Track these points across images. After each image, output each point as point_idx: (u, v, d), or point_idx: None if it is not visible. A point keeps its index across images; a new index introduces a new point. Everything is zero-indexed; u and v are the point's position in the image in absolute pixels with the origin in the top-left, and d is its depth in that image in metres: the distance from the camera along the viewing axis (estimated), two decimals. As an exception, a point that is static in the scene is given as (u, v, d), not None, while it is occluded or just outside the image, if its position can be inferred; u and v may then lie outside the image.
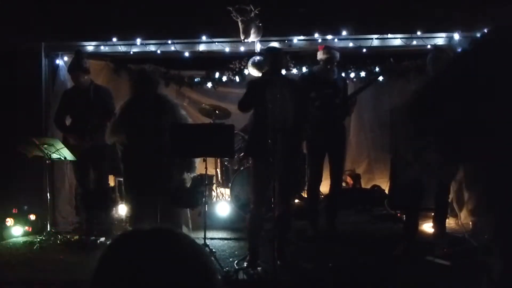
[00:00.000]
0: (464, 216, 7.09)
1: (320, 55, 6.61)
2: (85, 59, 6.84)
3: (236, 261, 5.80)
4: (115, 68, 8.70)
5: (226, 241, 6.67)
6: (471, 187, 1.22)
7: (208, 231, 6.38)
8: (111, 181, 7.78)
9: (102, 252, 1.21)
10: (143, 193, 5.70)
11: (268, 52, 5.70)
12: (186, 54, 7.66)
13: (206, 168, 6.20)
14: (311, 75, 6.72)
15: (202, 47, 7.49)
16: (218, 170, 8.53)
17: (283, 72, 5.89)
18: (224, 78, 8.87)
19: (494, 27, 1.37)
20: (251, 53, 7.56)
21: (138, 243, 1.19)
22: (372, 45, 7.29)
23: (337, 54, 6.58)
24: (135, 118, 5.62)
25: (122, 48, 7.54)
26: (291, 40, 7.23)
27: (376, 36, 7.20)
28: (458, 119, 1.15)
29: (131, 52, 7.56)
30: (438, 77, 1.18)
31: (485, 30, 5.85)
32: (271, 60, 5.52)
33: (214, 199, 8.24)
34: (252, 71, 7.51)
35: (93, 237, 6.60)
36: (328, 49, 6.58)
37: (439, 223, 6.18)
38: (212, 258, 5.47)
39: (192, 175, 6.13)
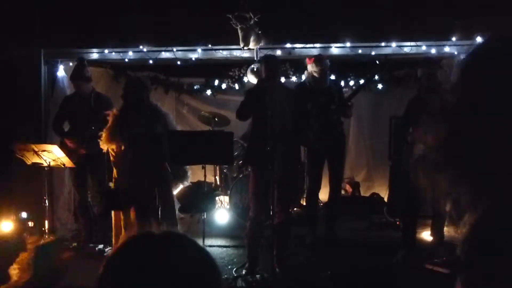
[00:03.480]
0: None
1: (311, 68, 6.54)
2: (87, 67, 6.88)
3: (234, 269, 5.79)
4: (114, 75, 8.71)
5: (225, 249, 6.66)
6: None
7: (207, 238, 6.38)
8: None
9: (110, 255, 1.21)
10: (136, 199, 5.64)
11: (264, 59, 5.71)
12: (186, 61, 7.66)
13: (205, 175, 6.21)
14: (304, 87, 6.68)
15: (201, 55, 7.50)
16: (217, 178, 8.52)
17: (282, 79, 5.90)
18: (224, 86, 8.89)
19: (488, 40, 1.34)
20: (250, 61, 7.57)
21: (147, 247, 1.19)
22: (371, 53, 7.30)
23: (328, 63, 6.56)
24: (128, 126, 5.57)
25: (121, 55, 7.55)
26: (291, 48, 7.23)
27: (375, 44, 7.21)
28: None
29: (131, 59, 7.58)
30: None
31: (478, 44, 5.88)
32: (268, 68, 5.53)
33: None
34: (252, 79, 7.52)
35: (92, 244, 6.60)
36: (319, 60, 6.51)
37: (438, 231, 6.18)
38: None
39: (186, 184, 6.10)
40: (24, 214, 7.06)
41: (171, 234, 1.24)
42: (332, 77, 7.32)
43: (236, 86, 8.78)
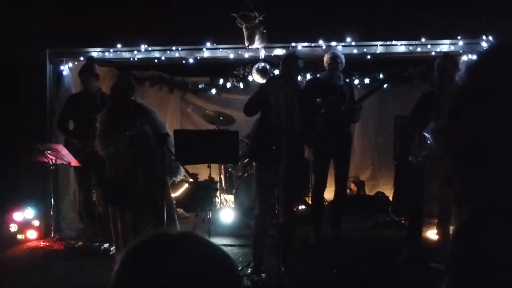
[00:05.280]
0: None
1: (325, 59, 6.64)
2: (96, 66, 6.91)
3: (240, 268, 5.78)
4: (119, 75, 8.71)
5: (230, 248, 6.65)
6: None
7: (212, 237, 6.36)
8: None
9: (124, 255, 1.19)
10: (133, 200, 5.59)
11: (284, 58, 5.69)
12: (191, 60, 7.66)
13: (210, 174, 6.20)
14: (317, 82, 6.73)
15: (206, 54, 7.49)
16: (222, 177, 8.52)
17: (299, 78, 5.85)
18: (228, 85, 8.89)
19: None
20: (255, 60, 7.57)
21: (166, 247, 1.18)
22: (376, 51, 7.29)
23: (342, 59, 6.57)
24: (120, 129, 5.50)
25: (126, 55, 7.55)
26: (295, 47, 7.23)
27: (380, 42, 7.20)
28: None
29: (136, 59, 7.58)
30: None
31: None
32: (284, 66, 5.52)
33: (218, 205, 8.23)
34: (256, 78, 7.53)
35: (97, 243, 6.60)
36: (332, 53, 6.61)
37: (444, 230, 6.16)
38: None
39: (178, 179, 6.04)
40: (29, 213, 7.07)
41: (187, 234, 1.23)
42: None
43: (241, 85, 8.77)
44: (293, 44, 7.24)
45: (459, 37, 7.00)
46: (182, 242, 1.19)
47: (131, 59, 7.62)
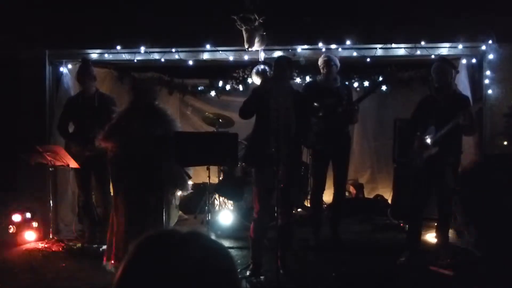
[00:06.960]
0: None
1: (319, 62, 6.64)
2: (92, 67, 6.91)
3: (238, 270, 5.76)
4: (118, 76, 8.70)
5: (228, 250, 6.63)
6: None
7: (211, 239, 6.35)
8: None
9: (131, 253, 1.19)
10: (134, 198, 5.56)
11: (275, 60, 5.71)
12: (190, 62, 7.65)
13: (209, 176, 6.18)
14: (314, 85, 6.73)
15: (206, 56, 7.50)
16: (221, 179, 8.50)
17: (299, 80, 5.87)
18: (228, 87, 8.88)
19: None
20: (255, 62, 7.56)
21: (172, 244, 1.18)
22: (376, 54, 7.29)
23: (336, 61, 6.57)
24: (129, 127, 5.45)
25: (126, 56, 7.54)
26: (295, 49, 7.23)
27: (380, 45, 7.20)
28: None
29: (135, 60, 7.57)
30: None
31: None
32: (276, 68, 5.53)
33: (217, 207, 8.22)
34: (256, 80, 7.51)
35: (96, 245, 6.59)
36: (325, 56, 6.62)
37: (442, 233, 6.16)
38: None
39: (185, 193, 6.03)
40: (28, 215, 7.07)
41: (192, 233, 1.24)
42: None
43: (240, 88, 8.76)
44: (293, 46, 7.23)
45: (458, 40, 6.99)
46: (188, 240, 1.20)
47: (132, 60, 7.59)
